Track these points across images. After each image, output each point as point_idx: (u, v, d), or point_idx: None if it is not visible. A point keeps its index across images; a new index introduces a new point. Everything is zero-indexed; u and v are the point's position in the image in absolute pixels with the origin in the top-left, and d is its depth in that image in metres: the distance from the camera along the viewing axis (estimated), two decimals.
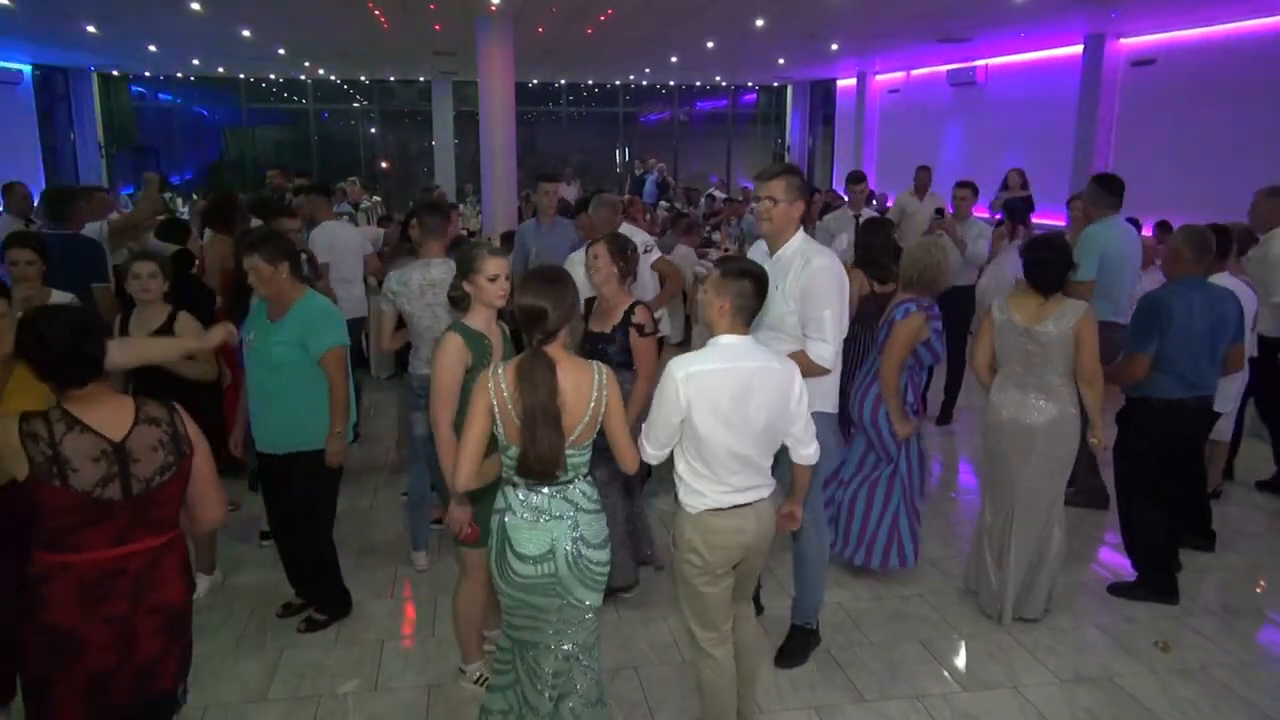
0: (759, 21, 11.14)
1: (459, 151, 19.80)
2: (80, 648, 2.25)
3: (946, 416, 6.98)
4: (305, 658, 3.74)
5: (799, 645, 3.72)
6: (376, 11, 10.72)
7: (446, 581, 4.06)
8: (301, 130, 21.10)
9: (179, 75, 19.41)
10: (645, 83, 21.21)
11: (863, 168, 17.46)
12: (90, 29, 12.11)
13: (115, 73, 18.86)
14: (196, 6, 10.15)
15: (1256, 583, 4.48)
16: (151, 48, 14.42)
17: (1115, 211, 5.17)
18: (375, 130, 21.72)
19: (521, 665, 2.74)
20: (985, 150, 14.06)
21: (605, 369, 2.63)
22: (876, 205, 13.06)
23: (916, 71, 16.51)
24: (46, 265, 4.04)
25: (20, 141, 15.90)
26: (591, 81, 21.35)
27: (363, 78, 20.33)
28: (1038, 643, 3.88)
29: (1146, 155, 11.00)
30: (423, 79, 19.71)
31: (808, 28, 11.80)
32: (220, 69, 18.29)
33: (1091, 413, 3.82)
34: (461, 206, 13.44)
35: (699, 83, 21.39)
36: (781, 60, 16.05)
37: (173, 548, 2.41)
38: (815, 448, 2.90)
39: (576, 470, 2.63)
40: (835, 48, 14.15)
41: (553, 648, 2.69)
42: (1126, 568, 4.41)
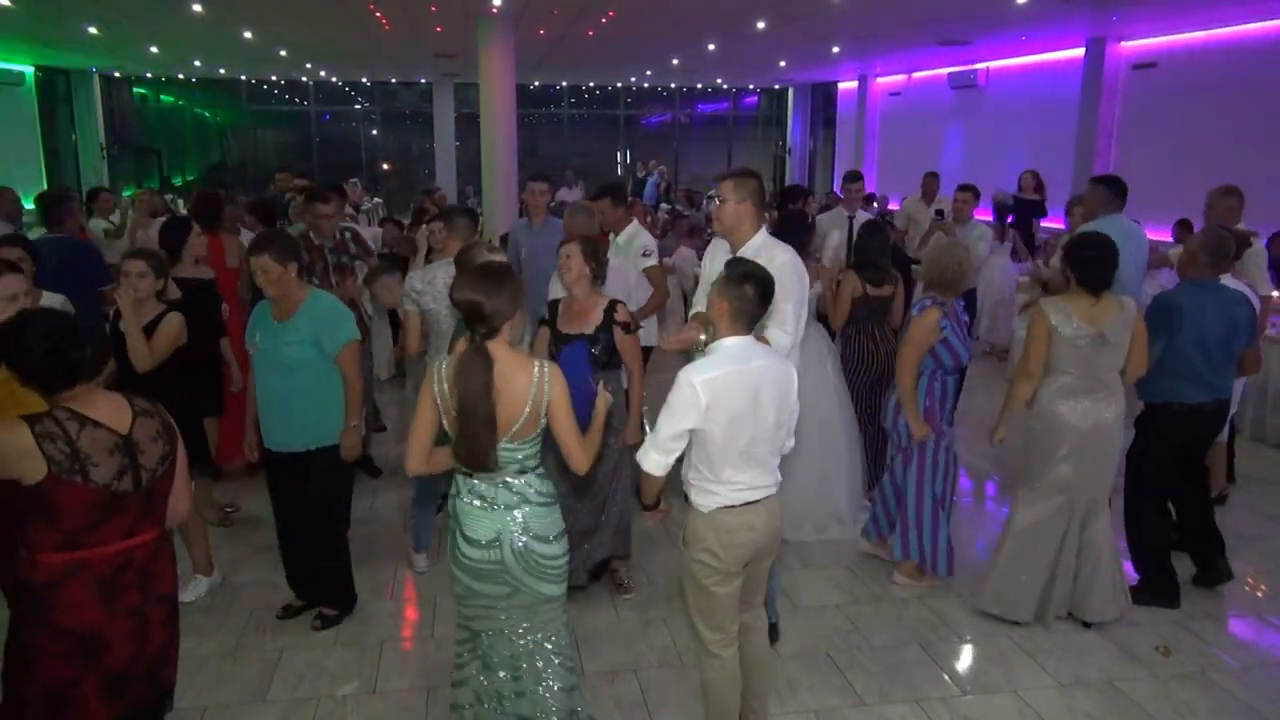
0: (760, 24, 11.15)
1: (460, 153, 19.82)
2: (102, 646, 2.29)
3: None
4: (304, 659, 3.73)
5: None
6: (378, 13, 10.74)
7: (446, 583, 4.04)
8: (303, 132, 21.14)
9: (181, 77, 19.45)
10: (646, 85, 21.24)
11: (864, 170, 17.50)
12: (92, 30, 12.14)
13: (117, 74, 18.91)
14: (198, 8, 10.17)
15: (1257, 587, 4.47)
16: (153, 49, 14.45)
17: (1119, 210, 5.18)
18: (376, 132, 21.76)
19: (478, 653, 2.80)
20: (986, 153, 14.08)
21: (548, 367, 2.63)
22: (877, 208, 13.06)
23: (917, 74, 16.53)
24: (36, 266, 4.05)
25: (22, 143, 15.93)
26: (593, 84, 21.38)
27: (364, 79, 20.38)
28: (1038, 647, 3.87)
29: (1147, 158, 11.00)
30: (424, 81, 19.75)
31: (809, 30, 11.81)
32: (222, 70, 18.33)
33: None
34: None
35: (700, 85, 21.42)
36: (783, 63, 16.06)
37: (166, 540, 2.50)
38: (794, 441, 2.96)
39: (520, 464, 2.65)
40: (836, 50, 14.17)
41: (506, 632, 2.74)
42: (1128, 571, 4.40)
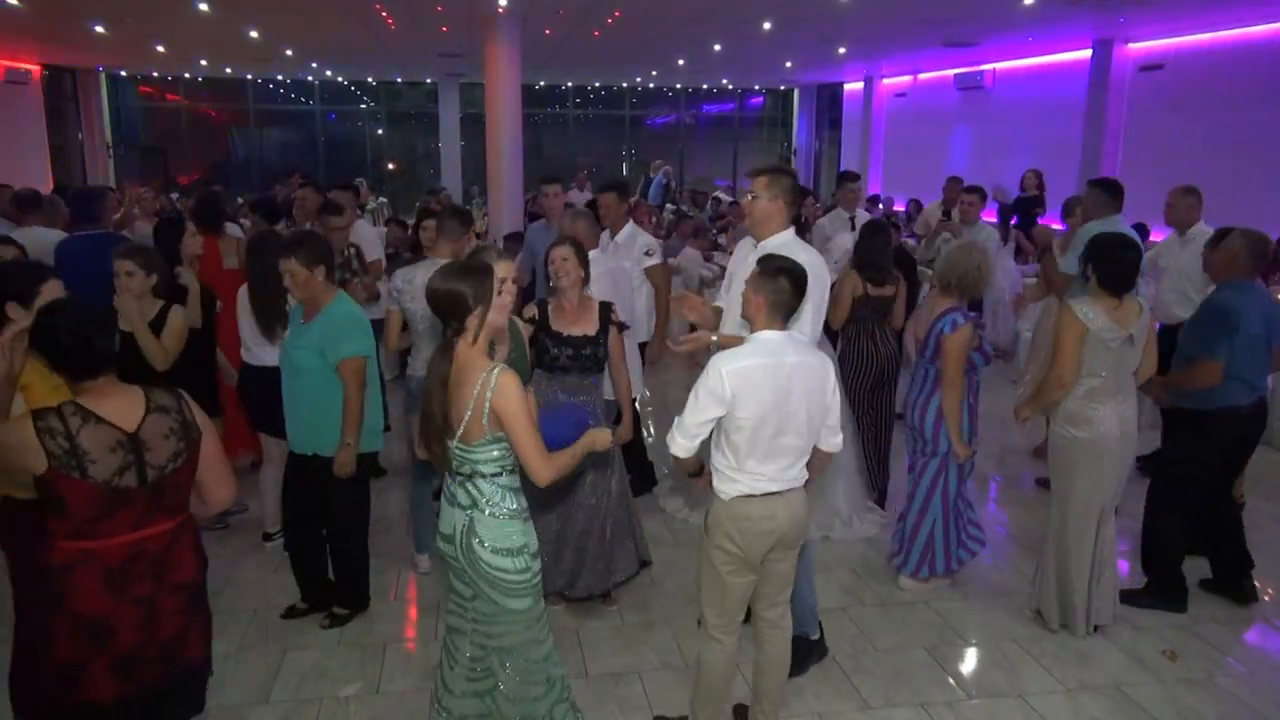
0: (766, 25, 11.14)
1: (465, 153, 19.83)
2: (110, 631, 2.33)
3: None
4: (308, 660, 3.73)
5: (795, 656, 3.62)
6: (383, 13, 10.74)
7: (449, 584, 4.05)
8: (308, 131, 21.16)
9: (186, 76, 19.47)
10: (652, 85, 21.22)
11: (869, 172, 17.49)
12: (98, 29, 12.15)
13: (123, 73, 18.93)
14: (204, 7, 10.18)
15: (1264, 591, 4.44)
16: (159, 48, 14.46)
17: (1115, 213, 5.19)
18: (382, 132, 21.76)
19: (446, 647, 2.86)
20: (992, 155, 14.03)
21: (498, 373, 2.56)
22: (882, 209, 13.03)
23: (923, 75, 16.50)
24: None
25: (28, 141, 15.95)
26: (598, 84, 21.37)
27: (369, 79, 20.37)
28: (1043, 651, 3.85)
29: (1153, 161, 10.97)
30: (429, 81, 19.75)
31: (815, 31, 11.79)
32: (228, 70, 18.34)
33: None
34: (468, 209, 13.47)
35: (705, 86, 21.40)
36: (789, 64, 16.04)
37: (186, 528, 2.51)
38: (841, 437, 3.01)
39: (473, 467, 2.63)
40: (842, 51, 14.15)
41: (467, 632, 2.78)
42: (1130, 571, 4.39)
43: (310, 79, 19.92)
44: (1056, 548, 3.93)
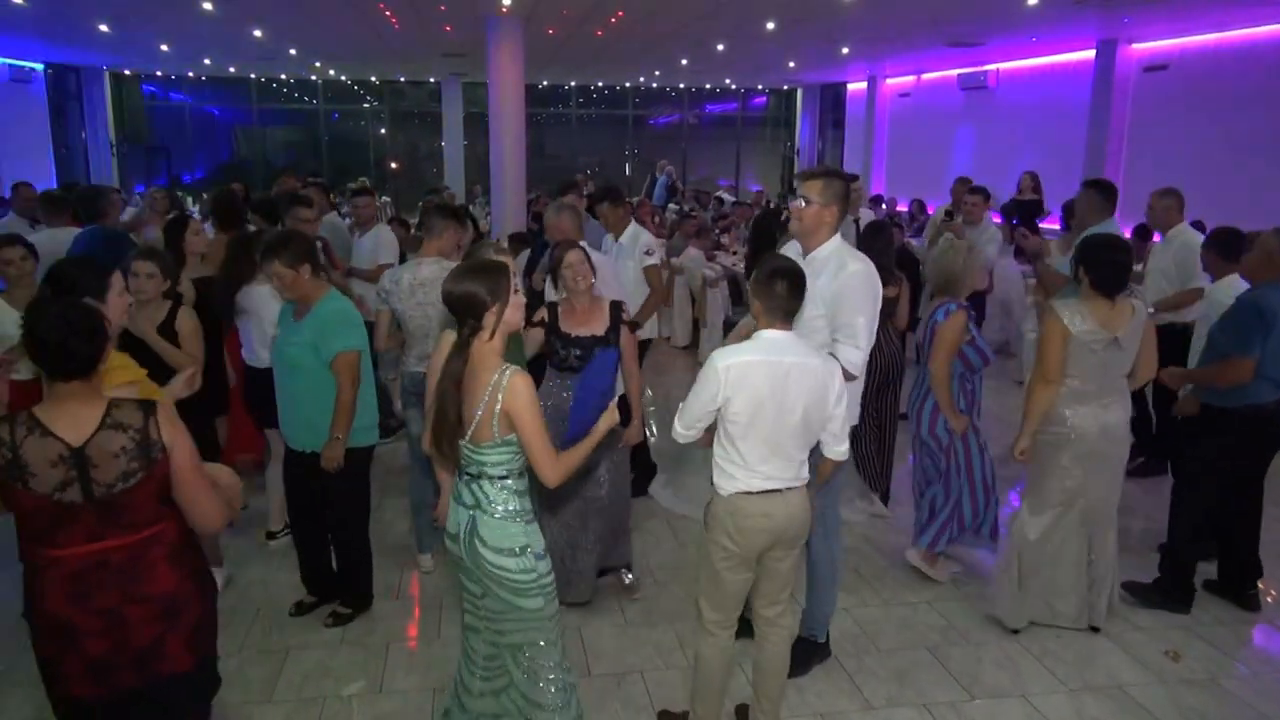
0: (769, 25, 11.14)
1: (468, 153, 19.84)
2: (75, 635, 2.30)
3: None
4: (311, 659, 3.74)
5: (799, 656, 3.62)
6: (387, 12, 10.75)
7: (452, 583, 4.05)
8: (311, 130, 21.18)
9: (190, 75, 19.50)
10: (655, 85, 21.22)
11: (872, 172, 17.49)
12: (103, 28, 12.18)
13: (127, 72, 18.97)
14: (208, 6, 10.20)
15: (1267, 592, 4.44)
16: (163, 47, 14.50)
17: (1110, 216, 5.21)
18: (385, 131, 21.79)
19: (464, 646, 2.87)
20: (996, 155, 14.02)
21: (510, 374, 2.56)
22: (885, 209, 13.03)
23: (927, 75, 16.49)
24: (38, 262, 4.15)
25: (33, 140, 15.99)
26: (601, 83, 21.38)
27: (373, 78, 20.40)
28: (1046, 651, 3.85)
29: (1158, 161, 10.96)
30: (433, 80, 19.78)
31: (819, 31, 11.79)
32: (231, 69, 18.38)
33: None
34: (471, 208, 13.47)
35: (708, 85, 21.40)
36: (792, 63, 16.04)
37: (157, 540, 2.36)
38: (847, 446, 3.02)
39: (481, 468, 2.64)
40: (846, 51, 14.14)
41: (481, 630, 2.80)
42: (1131, 571, 4.38)
43: (314, 78, 19.95)
44: (1013, 542, 3.98)
